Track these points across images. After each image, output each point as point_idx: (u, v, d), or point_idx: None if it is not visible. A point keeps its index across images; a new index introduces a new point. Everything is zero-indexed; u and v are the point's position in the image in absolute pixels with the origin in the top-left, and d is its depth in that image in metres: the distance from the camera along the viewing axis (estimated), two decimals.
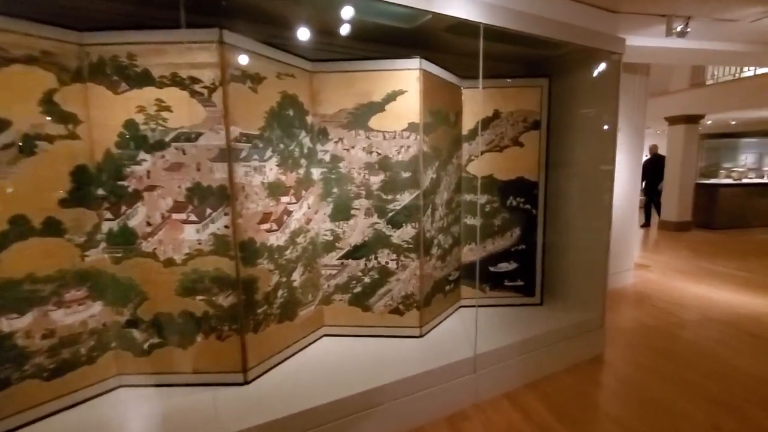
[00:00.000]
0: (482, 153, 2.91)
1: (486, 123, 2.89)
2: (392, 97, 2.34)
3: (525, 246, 3.02)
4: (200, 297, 1.96)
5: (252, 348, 2.04)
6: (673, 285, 4.53)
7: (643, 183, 8.29)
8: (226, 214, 1.90)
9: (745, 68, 7.61)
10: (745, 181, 8.64)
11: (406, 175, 2.40)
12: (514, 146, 2.92)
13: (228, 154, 1.86)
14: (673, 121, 8.17)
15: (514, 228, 3.00)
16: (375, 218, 2.45)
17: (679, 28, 2.77)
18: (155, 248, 1.92)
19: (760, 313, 3.63)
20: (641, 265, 5.41)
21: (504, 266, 3.04)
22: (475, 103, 2.86)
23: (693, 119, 7.94)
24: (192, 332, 1.99)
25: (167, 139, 1.86)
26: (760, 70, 7.06)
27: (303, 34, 2.40)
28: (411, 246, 2.46)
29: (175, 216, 1.90)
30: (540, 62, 3.17)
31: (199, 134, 1.86)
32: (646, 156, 8.14)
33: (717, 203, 8.12)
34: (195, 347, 2.00)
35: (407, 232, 2.45)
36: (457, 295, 3.01)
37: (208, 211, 1.90)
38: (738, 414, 2.22)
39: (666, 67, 8.47)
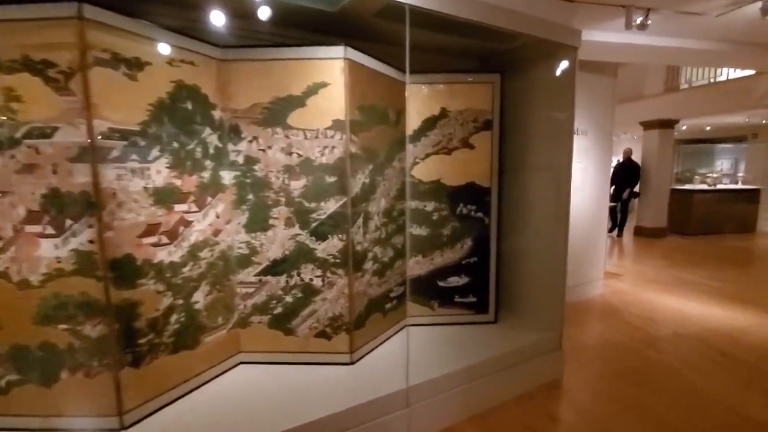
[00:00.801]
0: (428, 155, 2.62)
1: (432, 122, 2.60)
2: (313, 90, 2.04)
3: (477, 258, 2.74)
4: (63, 326, 1.61)
5: (132, 386, 1.70)
6: (644, 296, 4.31)
7: (612, 188, 7.81)
8: (90, 226, 1.56)
9: (719, 73, 7.54)
10: (719, 186, 8.56)
11: (331, 179, 2.10)
12: (464, 148, 2.64)
13: (92, 154, 1.53)
14: (647, 125, 8.06)
15: (465, 238, 2.72)
16: (296, 229, 2.13)
17: (639, 21, 2.53)
18: (7, 267, 1.58)
19: (731, 327, 3.41)
20: (612, 273, 5.20)
21: (454, 280, 2.75)
22: (420, 100, 2.57)
23: (668, 124, 7.84)
24: (55, 368, 1.64)
25: (17, 135, 1.53)
26: (733, 74, 6.98)
27: (214, 17, 2.08)
28: (338, 260, 2.15)
29: (28, 228, 1.56)
30: (493, 57, 2.90)
31: (55, 129, 1.52)
32: (619, 159, 7.94)
33: (692, 209, 8.01)
34: (60, 386, 1.65)
35: (334, 244, 2.14)
36: (402, 313, 2.70)
37: (69, 222, 1.56)
38: None
39: (640, 72, 8.38)
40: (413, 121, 2.59)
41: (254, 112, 2.05)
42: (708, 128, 9.47)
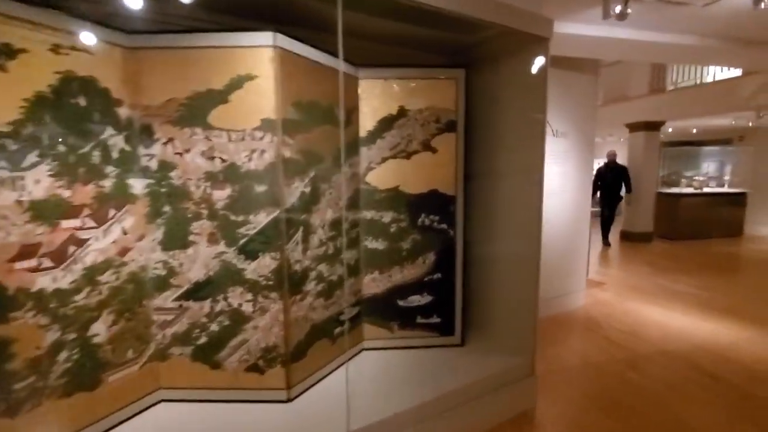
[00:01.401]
0: (385, 160, 2.34)
1: (389, 123, 2.32)
2: (238, 83, 1.74)
3: (441, 275, 2.46)
4: None
5: None
6: (628, 307, 4.08)
7: (598, 194, 7.32)
8: None
9: (706, 74, 7.39)
10: (706, 190, 8.42)
11: (260, 188, 1.80)
12: (425, 152, 2.37)
13: None
14: (633, 128, 7.89)
15: (428, 253, 2.44)
16: (222, 246, 1.83)
17: (617, 9, 2.29)
18: None
19: (717, 343, 3.18)
20: (596, 282, 4.97)
21: (416, 299, 2.47)
22: (375, 97, 2.29)
23: (653, 126, 7.67)
24: None
25: None
26: (720, 75, 6.83)
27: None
28: (271, 282, 1.86)
29: None
30: (458, 51, 2.63)
31: None
32: (602, 161, 7.68)
33: (678, 213, 7.85)
34: None
35: (266, 264, 1.84)
36: (357, 336, 2.41)
37: None
38: None
39: (625, 72, 8.21)
40: (368, 121, 2.31)
41: (169, 109, 1.75)
42: (694, 131, 9.36)
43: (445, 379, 2.16)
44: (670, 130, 8.98)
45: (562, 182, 3.83)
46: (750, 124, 7.88)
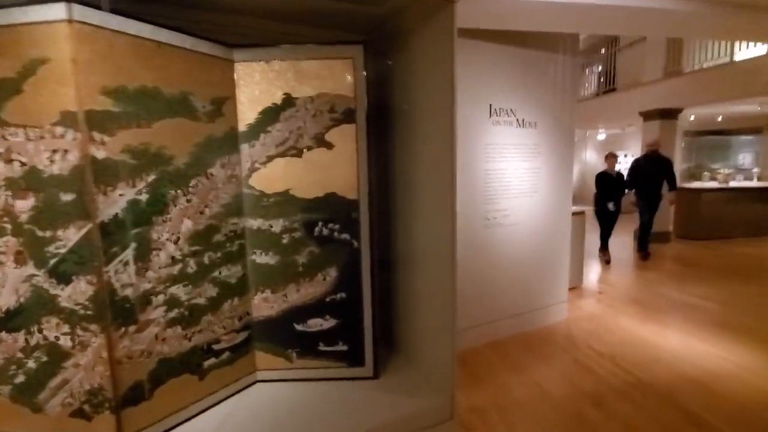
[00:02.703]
0: (270, 158, 1.97)
1: (273, 114, 1.95)
2: (31, 69, 1.41)
3: (346, 294, 2.07)
4: None
5: None
6: (617, 323, 3.54)
7: (633, 191, 6.17)
8: None
9: (734, 51, 6.59)
10: (732, 184, 7.54)
11: (67, 197, 1.47)
12: (320, 148, 1.98)
13: None
14: (647, 116, 7.17)
15: (328, 268, 2.05)
16: (31, 267, 1.52)
17: None
18: None
19: (708, 374, 2.63)
20: (591, 291, 4.42)
21: (316, 323, 2.09)
22: (254, 84, 1.93)
23: (669, 113, 6.93)
24: None
25: None
26: (739, 56, 6.04)
27: None
28: (90, 312, 1.53)
29: None
30: (368, 28, 2.22)
31: None
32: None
33: (699, 210, 7.05)
34: None
35: (81, 289, 1.51)
36: (247, 367, 2.05)
37: None
38: None
39: (639, 55, 7.49)
40: (248, 112, 1.94)
41: None
42: (720, 118, 8.46)
43: (342, 423, 1.78)
44: (692, 118, 8.15)
45: (533, 181, 3.35)
46: None
